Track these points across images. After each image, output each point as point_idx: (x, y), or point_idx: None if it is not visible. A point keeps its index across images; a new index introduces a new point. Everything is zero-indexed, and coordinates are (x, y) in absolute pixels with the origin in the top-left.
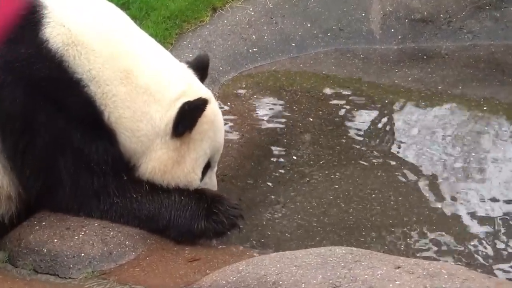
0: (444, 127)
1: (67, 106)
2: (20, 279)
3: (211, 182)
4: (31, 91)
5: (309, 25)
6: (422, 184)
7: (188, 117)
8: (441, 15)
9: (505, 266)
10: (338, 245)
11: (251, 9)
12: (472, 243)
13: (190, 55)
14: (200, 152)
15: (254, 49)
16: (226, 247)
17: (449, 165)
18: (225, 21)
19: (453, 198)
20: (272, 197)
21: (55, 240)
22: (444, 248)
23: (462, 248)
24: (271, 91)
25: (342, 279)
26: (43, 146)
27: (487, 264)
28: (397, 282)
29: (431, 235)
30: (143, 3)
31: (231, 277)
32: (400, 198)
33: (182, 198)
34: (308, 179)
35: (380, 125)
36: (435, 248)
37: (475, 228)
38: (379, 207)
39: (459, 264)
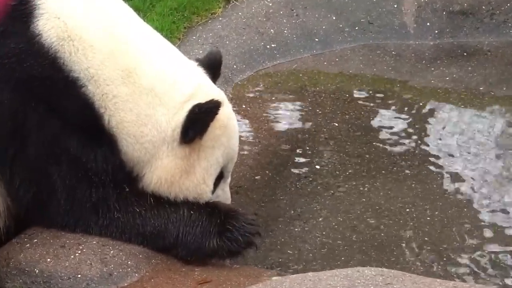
0: (487, 133)
1: (62, 109)
2: None
3: (224, 195)
4: (21, 91)
5: (334, 17)
6: (462, 196)
7: (198, 121)
8: (483, 7)
9: None
10: (367, 266)
11: None
12: None
13: (200, 52)
14: (212, 161)
15: (272, 45)
16: (241, 267)
17: (492, 176)
18: (240, 13)
19: (497, 213)
20: (293, 211)
21: (48, 260)
22: (487, 270)
23: (509, 271)
24: (291, 92)
25: None
26: (35, 153)
27: None
28: None
29: (473, 255)
30: None
31: None
32: (436, 212)
33: (192, 212)
34: (333, 191)
35: (414, 131)
36: (477, 270)
37: None
38: (413, 223)
39: None
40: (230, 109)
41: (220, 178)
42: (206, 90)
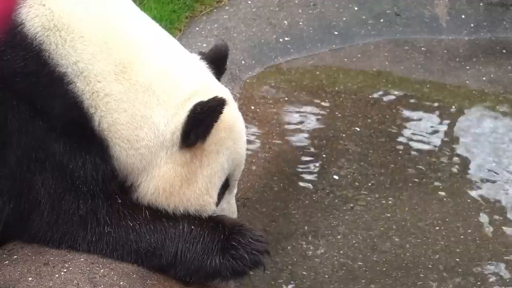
0: None
1: (47, 109)
2: None
3: (230, 208)
4: (1, 89)
5: (356, 8)
6: (499, 213)
7: (200, 122)
8: None
9: None
10: None
11: None
12: None
13: (204, 45)
14: (216, 168)
15: (286, 38)
16: None
17: None
18: (249, 2)
19: None
20: (307, 227)
21: (30, 279)
22: None
23: None
24: (306, 92)
25: None
26: (16, 160)
27: None
28: None
29: (510, 278)
30: None
31: None
32: (469, 230)
33: (193, 227)
34: (352, 205)
35: (445, 138)
36: None
37: None
38: (443, 242)
39: None
40: (236, 109)
41: (225, 188)
42: (209, 87)
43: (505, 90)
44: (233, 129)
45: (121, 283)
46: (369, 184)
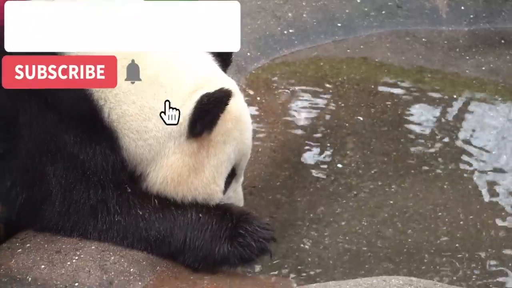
0: None
1: (57, 102)
2: None
3: (237, 196)
4: None
5: (358, 0)
6: (499, 199)
7: (207, 112)
8: None
9: None
10: (394, 275)
11: None
12: None
13: None
14: (223, 158)
15: (290, 30)
16: (254, 276)
17: None
18: None
19: None
20: (312, 215)
21: (42, 266)
22: None
23: None
24: (311, 83)
25: None
26: (28, 151)
27: None
28: None
29: (510, 263)
30: None
31: None
32: (471, 216)
33: (200, 215)
34: (356, 192)
35: (446, 126)
36: None
37: None
38: (445, 228)
39: None
40: (242, 100)
41: (232, 177)
42: (216, 79)
43: (504, 79)
44: (240, 120)
45: (131, 269)
46: (372, 172)
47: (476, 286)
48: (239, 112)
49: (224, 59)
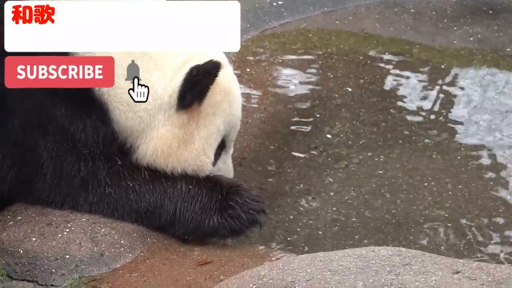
0: None
1: None
2: None
3: (226, 167)
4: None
5: None
6: (486, 169)
7: (196, 84)
8: None
9: None
10: (383, 245)
11: None
12: None
13: None
14: (212, 129)
15: (279, 2)
16: (244, 247)
17: None
18: None
19: None
20: (301, 185)
21: (34, 239)
22: None
23: None
24: (300, 54)
25: (388, 287)
26: (19, 124)
27: None
28: None
29: (497, 232)
30: None
31: (251, 284)
32: (459, 186)
33: (191, 187)
34: (345, 163)
35: (434, 97)
36: (502, 248)
37: None
38: (433, 198)
39: None
40: (231, 72)
41: (221, 148)
42: (205, 52)
43: (492, 49)
44: (229, 91)
45: (122, 241)
46: (361, 143)
47: (464, 254)
48: (228, 84)
49: None
